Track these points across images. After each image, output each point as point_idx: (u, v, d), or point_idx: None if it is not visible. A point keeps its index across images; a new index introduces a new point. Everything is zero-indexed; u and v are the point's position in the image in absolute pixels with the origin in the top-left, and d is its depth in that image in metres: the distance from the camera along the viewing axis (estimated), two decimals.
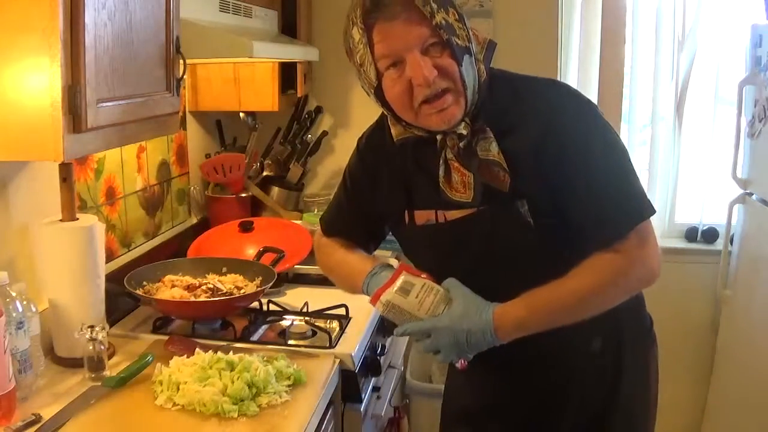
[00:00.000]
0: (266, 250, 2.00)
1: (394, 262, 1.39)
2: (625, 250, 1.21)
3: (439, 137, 1.26)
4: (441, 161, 1.27)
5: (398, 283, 1.27)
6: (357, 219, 1.47)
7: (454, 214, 1.29)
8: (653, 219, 1.25)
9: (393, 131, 1.32)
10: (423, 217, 1.33)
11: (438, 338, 1.24)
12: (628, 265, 1.22)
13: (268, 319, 1.82)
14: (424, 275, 1.30)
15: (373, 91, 1.25)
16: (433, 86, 1.18)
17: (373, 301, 1.29)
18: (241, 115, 2.48)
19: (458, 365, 1.29)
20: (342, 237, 1.48)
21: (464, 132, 1.23)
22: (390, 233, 1.49)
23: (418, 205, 1.34)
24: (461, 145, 1.24)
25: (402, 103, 1.22)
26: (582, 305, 1.22)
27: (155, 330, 1.73)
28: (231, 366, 1.41)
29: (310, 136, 2.65)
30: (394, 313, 1.27)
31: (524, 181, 1.22)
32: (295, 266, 2.07)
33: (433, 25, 1.17)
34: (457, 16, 1.20)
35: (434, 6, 1.17)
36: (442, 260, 1.33)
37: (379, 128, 1.41)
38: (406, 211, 1.35)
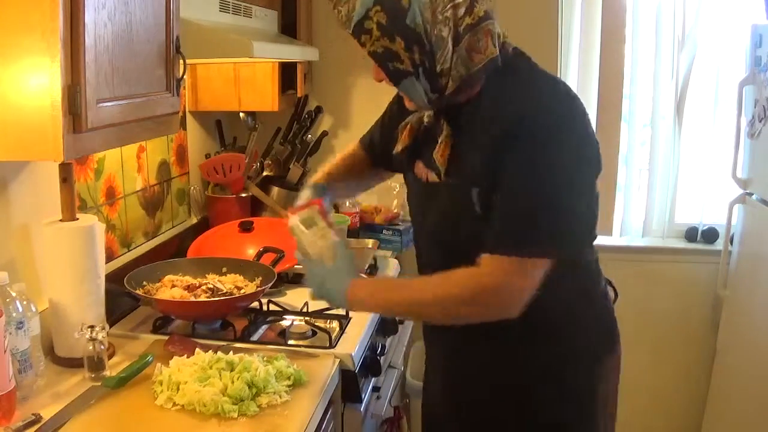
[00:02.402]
0: (266, 250, 2.00)
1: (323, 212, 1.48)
2: (493, 272, 1.22)
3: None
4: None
5: (305, 213, 1.43)
6: (376, 135, 1.62)
7: (432, 178, 1.37)
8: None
9: None
10: (421, 171, 1.41)
11: (310, 278, 1.42)
12: (484, 287, 1.23)
13: (268, 319, 1.82)
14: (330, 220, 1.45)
15: None
16: None
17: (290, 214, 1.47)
18: (241, 115, 2.48)
19: None
20: (361, 145, 1.66)
21: (425, 121, 1.39)
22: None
23: (421, 156, 1.42)
24: (424, 127, 1.39)
25: None
26: (422, 309, 1.32)
27: (155, 330, 1.74)
28: (231, 366, 1.41)
29: (310, 136, 2.65)
30: (295, 236, 1.44)
31: (475, 174, 1.26)
32: (295, 266, 2.06)
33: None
34: (404, 45, 1.22)
35: (375, 35, 1.22)
36: (418, 219, 1.48)
37: None
38: (411, 159, 1.44)
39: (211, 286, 1.78)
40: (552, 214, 1.21)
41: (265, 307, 1.86)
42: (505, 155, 1.21)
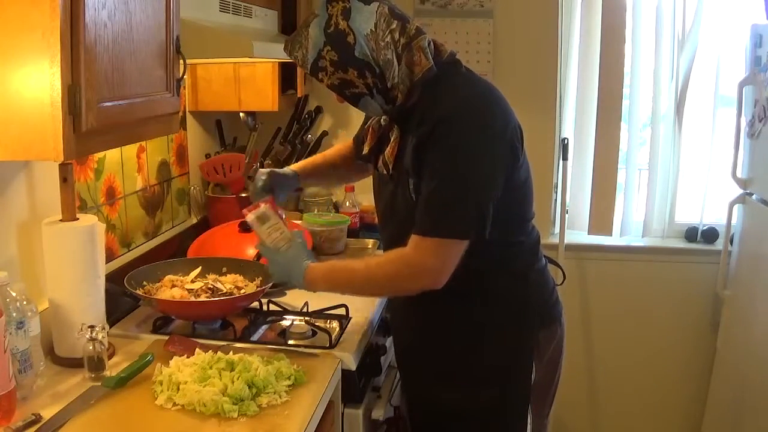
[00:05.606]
0: None
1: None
2: (414, 249, 1.44)
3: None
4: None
5: (259, 211, 1.63)
6: (360, 134, 1.81)
7: (385, 171, 1.59)
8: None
9: None
10: (380, 165, 1.62)
11: (271, 266, 1.63)
12: (407, 263, 1.46)
13: (268, 319, 1.82)
14: (283, 216, 1.67)
15: None
16: None
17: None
18: (241, 115, 2.48)
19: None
20: (353, 141, 1.88)
21: (382, 123, 1.62)
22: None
23: (381, 153, 1.61)
24: (382, 128, 1.61)
25: None
26: (365, 287, 1.59)
27: (155, 330, 1.73)
28: (231, 366, 1.41)
29: (310, 136, 2.65)
30: (254, 229, 1.64)
31: (409, 167, 1.49)
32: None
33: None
34: (357, 73, 1.45)
35: (330, 70, 1.45)
36: (376, 205, 1.71)
37: None
38: (375, 156, 1.64)
39: (211, 286, 1.78)
40: (462, 202, 1.43)
41: (265, 307, 1.86)
42: (426, 151, 1.44)
